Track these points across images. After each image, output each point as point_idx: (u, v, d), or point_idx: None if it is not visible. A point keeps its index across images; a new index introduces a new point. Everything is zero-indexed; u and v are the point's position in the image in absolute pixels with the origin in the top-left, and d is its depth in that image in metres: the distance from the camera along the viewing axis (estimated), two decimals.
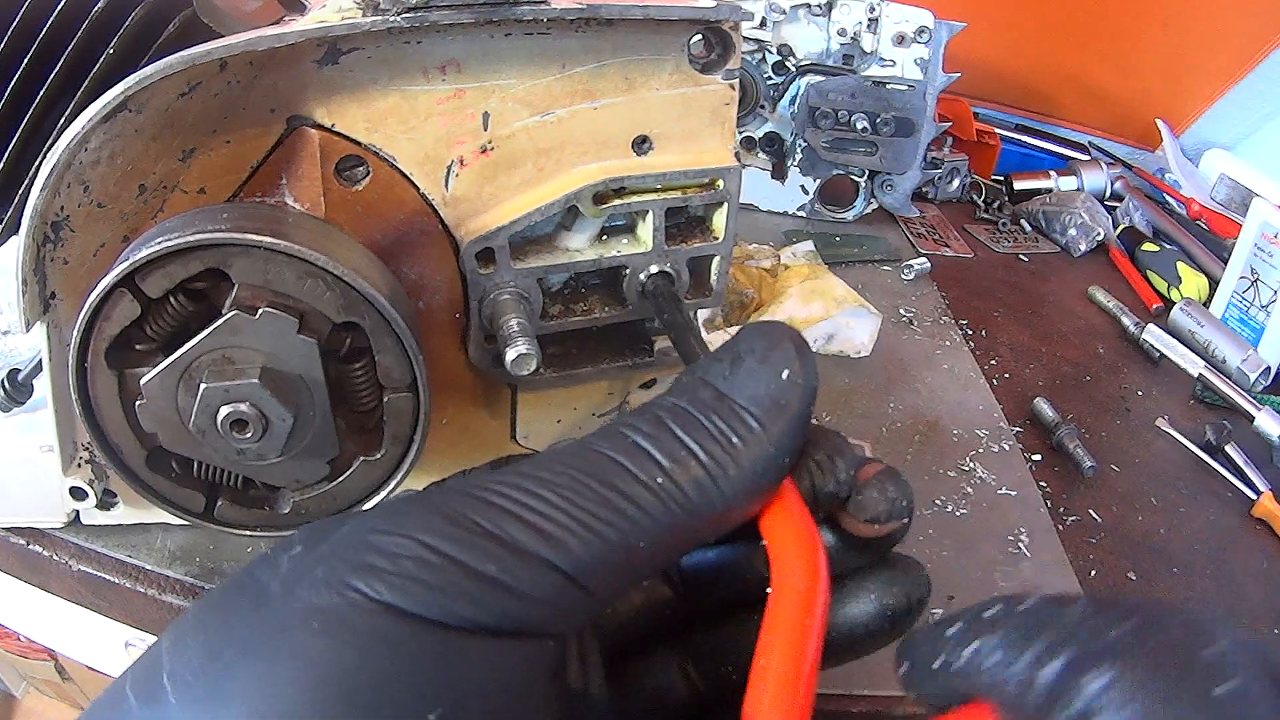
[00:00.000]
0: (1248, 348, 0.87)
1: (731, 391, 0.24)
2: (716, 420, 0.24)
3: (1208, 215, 1.12)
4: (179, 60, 0.35)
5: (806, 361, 0.25)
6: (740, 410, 0.24)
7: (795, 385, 0.24)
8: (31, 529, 0.52)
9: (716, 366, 0.25)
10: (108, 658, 0.66)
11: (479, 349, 0.47)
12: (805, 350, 0.25)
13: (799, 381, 0.24)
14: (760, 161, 1.01)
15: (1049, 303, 0.98)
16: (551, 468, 0.23)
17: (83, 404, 0.38)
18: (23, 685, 1.12)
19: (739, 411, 0.24)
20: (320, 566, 0.22)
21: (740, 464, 0.23)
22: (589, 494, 0.22)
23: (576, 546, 0.22)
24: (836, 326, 0.78)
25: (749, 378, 0.24)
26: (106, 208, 0.39)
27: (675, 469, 0.23)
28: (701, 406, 0.24)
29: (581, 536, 0.22)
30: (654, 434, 0.24)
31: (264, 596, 0.22)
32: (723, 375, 0.25)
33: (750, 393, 0.24)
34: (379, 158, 0.42)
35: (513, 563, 0.21)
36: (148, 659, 0.22)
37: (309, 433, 0.39)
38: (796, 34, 0.92)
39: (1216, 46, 1.22)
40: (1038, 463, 0.71)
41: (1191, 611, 0.21)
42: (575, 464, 0.23)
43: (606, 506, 0.22)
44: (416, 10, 0.37)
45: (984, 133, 1.21)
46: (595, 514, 0.22)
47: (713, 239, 0.48)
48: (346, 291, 0.37)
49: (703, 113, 0.46)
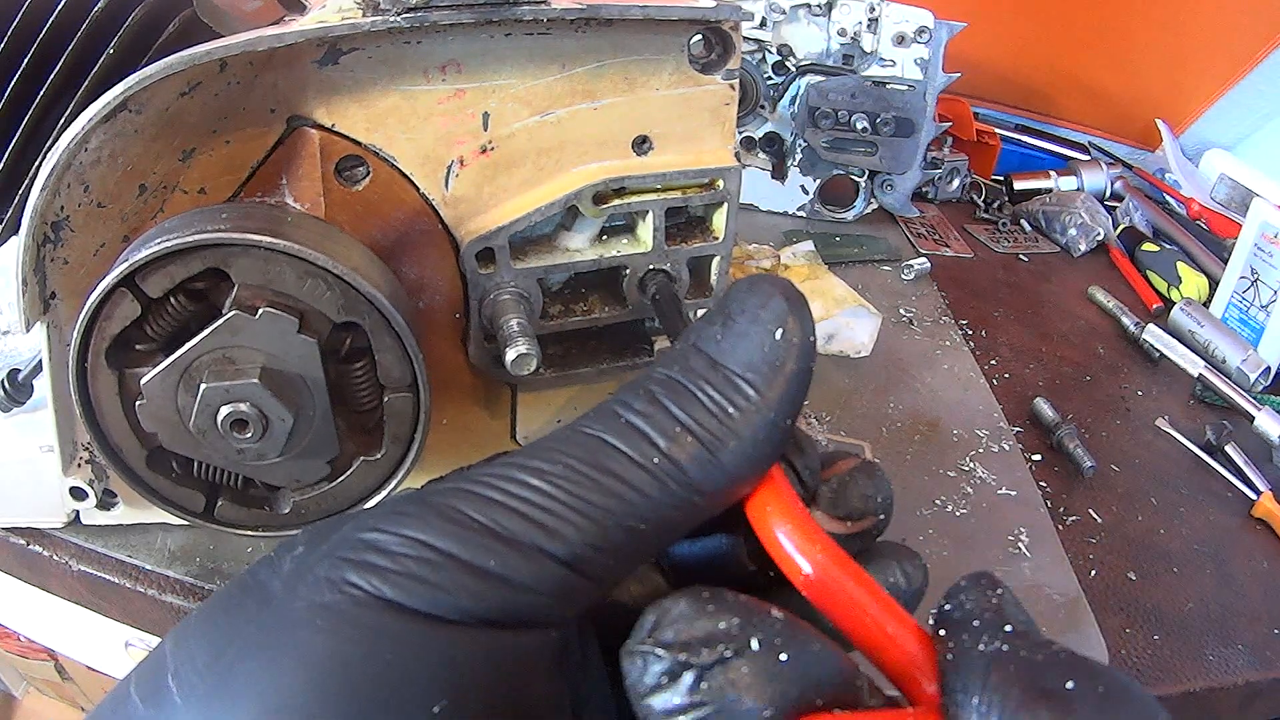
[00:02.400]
0: (1248, 348, 0.87)
1: (724, 358, 0.23)
2: (711, 391, 0.23)
3: (1208, 215, 1.12)
4: (179, 60, 0.35)
5: (801, 314, 0.24)
6: (735, 378, 0.23)
7: (791, 344, 0.23)
8: (31, 529, 0.52)
9: (708, 330, 0.24)
10: (108, 658, 0.66)
11: (479, 349, 0.47)
12: (799, 302, 0.24)
13: (794, 339, 0.23)
14: (760, 161, 1.01)
15: (1049, 303, 0.98)
16: (546, 456, 0.23)
17: (83, 404, 0.38)
18: (23, 685, 1.12)
19: (734, 380, 0.23)
20: (322, 565, 0.22)
21: (740, 435, 0.22)
22: (585, 481, 0.22)
23: (574, 535, 0.22)
24: (836, 326, 0.78)
25: (741, 341, 0.23)
26: (107, 208, 0.39)
27: (672, 447, 0.22)
28: (694, 376, 0.23)
29: (579, 525, 0.22)
30: (648, 411, 0.23)
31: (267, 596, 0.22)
32: (714, 339, 0.24)
33: (744, 357, 0.23)
34: (379, 158, 0.42)
35: (512, 556, 0.21)
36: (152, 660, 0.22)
37: (309, 433, 0.39)
38: (796, 34, 0.92)
39: (1216, 46, 1.22)
40: (1038, 463, 0.71)
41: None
42: (570, 450, 0.23)
43: (603, 492, 0.22)
44: (416, 10, 0.37)
45: (984, 133, 1.21)
46: (592, 501, 0.22)
47: (713, 239, 0.48)
48: (347, 291, 0.37)
49: (703, 113, 0.46)
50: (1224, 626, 0.60)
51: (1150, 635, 0.58)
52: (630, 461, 0.22)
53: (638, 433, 0.23)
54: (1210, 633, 0.59)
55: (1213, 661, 0.57)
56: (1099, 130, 1.33)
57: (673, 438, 0.22)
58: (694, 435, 0.22)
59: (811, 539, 0.22)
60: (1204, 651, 0.58)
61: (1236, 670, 0.57)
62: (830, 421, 0.72)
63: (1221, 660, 0.57)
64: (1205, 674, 0.56)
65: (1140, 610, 0.60)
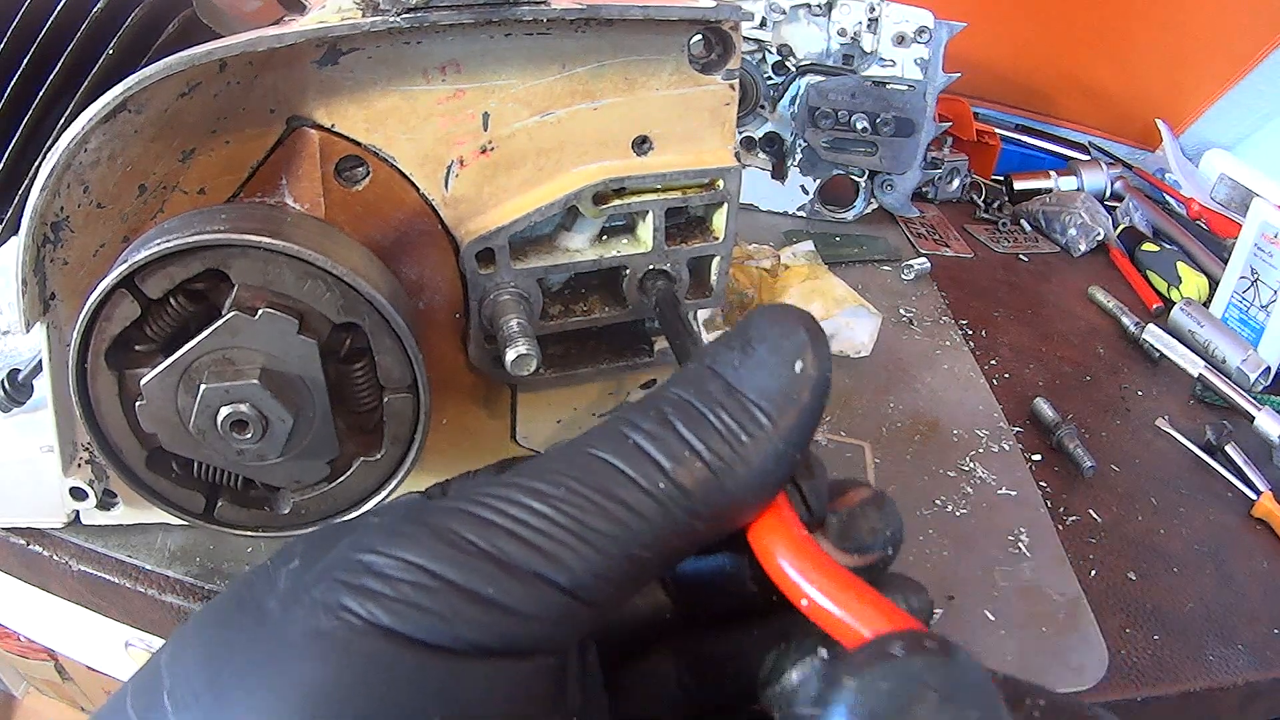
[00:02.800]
0: (1248, 348, 0.87)
1: (741, 384, 0.23)
2: (725, 416, 0.23)
3: (1208, 215, 1.12)
4: (179, 61, 0.35)
5: (820, 350, 0.23)
6: (750, 405, 0.23)
7: (809, 376, 0.23)
8: (31, 529, 0.52)
9: (726, 355, 0.24)
10: (108, 658, 0.66)
11: (479, 349, 0.47)
12: (819, 337, 0.24)
13: (812, 373, 0.23)
14: (760, 161, 1.01)
15: (1049, 303, 0.98)
16: (548, 477, 0.22)
17: (83, 404, 0.38)
18: (23, 685, 1.12)
19: (749, 407, 0.23)
20: (317, 587, 0.21)
21: (749, 462, 0.22)
22: (588, 506, 0.22)
23: (576, 562, 0.21)
24: (836, 326, 0.78)
25: (760, 369, 0.23)
26: (106, 208, 0.39)
27: (678, 470, 0.22)
28: (709, 400, 0.23)
29: (581, 551, 0.21)
30: (657, 433, 0.22)
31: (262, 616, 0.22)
32: (732, 365, 0.23)
33: (761, 385, 0.23)
34: (379, 158, 0.42)
35: (511, 583, 0.21)
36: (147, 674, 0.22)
37: (309, 433, 0.39)
38: (796, 34, 0.92)
39: (1216, 46, 1.22)
40: (1038, 463, 0.71)
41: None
42: (573, 472, 0.22)
43: (606, 518, 0.21)
44: (416, 11, 0.37)
45: (984, 133, 1.21)
46: (595, 527, 0.21)
47: (713, 239, 0.48)
48: (346, 292, 0.37)
49: (703, 113, 0.46)
50: (1224, 626, 0.60)
51: (1150, 635, 0.58)
52: (635, 487, 0.22)
53: (644, 456, 0.22)
54: (1210, 633, 0.59)
55: (1213, 661, 0.57)
56: (1099, 130, 1.33)
57: (680, 461, 0.22)
58: (703, 460, 0.22)
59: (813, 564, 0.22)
60: (1204, 651, 0.58)
61: (1236, 670, 0.57)
62: (830, 421, 0.72)
63: (1221, 660, 0.57)
64: (1205, 674, 0.56)
65: (1140, 610, 0.60)
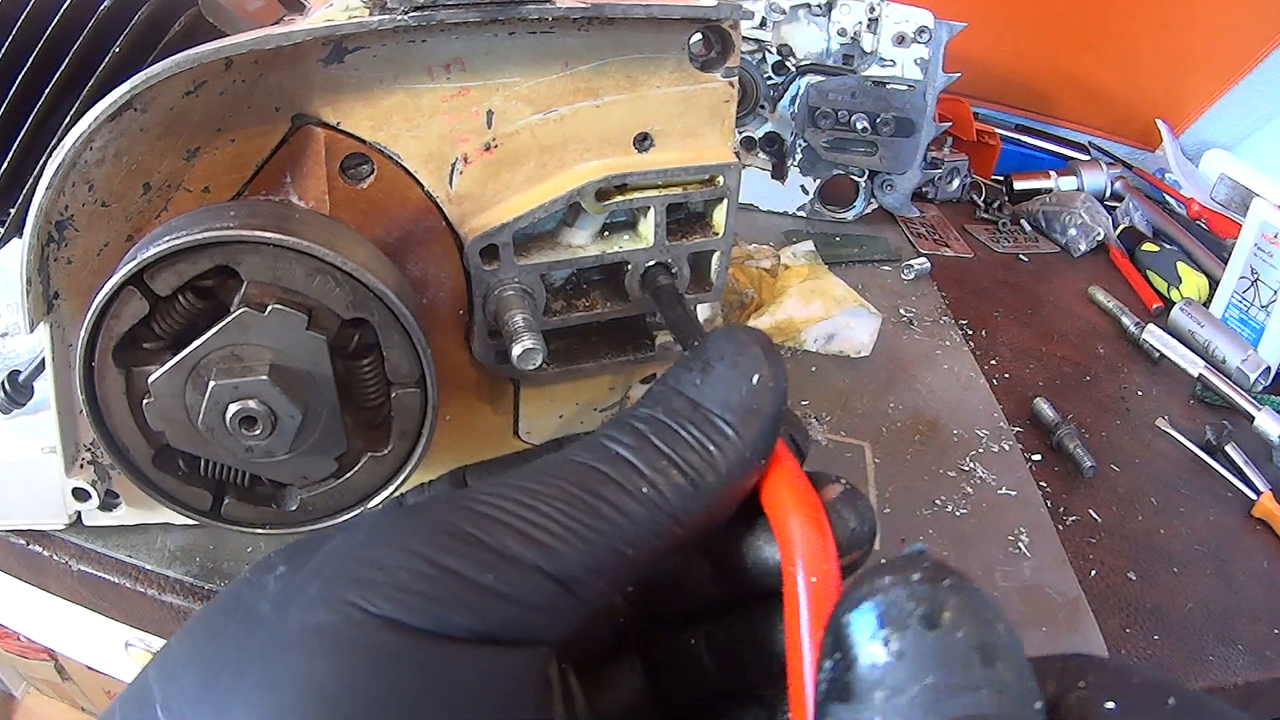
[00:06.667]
0: (1248, 348, 0.88)
1: (704, 400, 0.25)
2: (692, 430, 0.24)
3: (1208, 215, 1.12)
4: (185, 59, 0.35)
5: (775, 364, 0.25)
6: (714, 418, 0.24)
7: (766, 388, 0.25)
8: (32, 529, 0.52)
9: (687, 375, 0.26)
10: (108, 658, 0.66)
11: (483, 345, 0.47)
12: (773, 353, 0.26)
13: (770, 385, 0.25)
14: (760, 161, 1.01)
15: (1049, 303, 0.98)
16: (539, 479, 0.23)
17: (90, 403, 0.38)
18: (23, 685, 1.12)
19: (713, 419, 0.24)
20: (313, 584, 0.22)
21: (718, 469, 0.24)
22: (579, 503, 0.23)
23: (569, 554, 0.22)
24: (836, 326, 0.78)
25: (720, 384, 0.25)
26: (111, 207, 0.39)
27: (658, 478, 0.23)
28: (676, 416, 0.25)
29: (573, 544, 0.22)
30: (634, 444, 0.24)
31: (255, 619, 0.22)
32: (694, 384, 0.25)
33: (723, 399, 0.25)
34: (384, 156, 0.42)
35: (508, 571, 0.21)
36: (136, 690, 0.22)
37: (317, 429, 0.39)
38: (796, 34, 0.92)
39: (1216, 46, 1.22)
40: (1038, 463, 0.72)
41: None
42: (562, 475, 0.23)
43: (596, 515, 0.23)
44: (424, 9, 0.38)
45: (984, 133, 1.21)
46: (585, 523, 0.22)
47: (713, 234, 0.48)
48: (355, 287, 0.37)
49: (702, 110, 0.46)
50: (1224, 626, 0.60)
51: (1150, 635, 0.58)
52: (620, 488, 0.23)
53: (626, 463, 0.24)
54: (1210, 633, 0.59)
55: (1213, 661, 0.57)
56: (1099, 130, 1.33)
57: (658, 470, 0.24)
58: (677, 468, 0.24)
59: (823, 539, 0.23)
60: (1204, 651, 0.58)
61: (1236, 670, 0.57)
62: (830, 421, 0.72)
63: (1221, 660, 0.57)
64: (1205, 674, 0.56)
65: (1140, 610, 0.60)
